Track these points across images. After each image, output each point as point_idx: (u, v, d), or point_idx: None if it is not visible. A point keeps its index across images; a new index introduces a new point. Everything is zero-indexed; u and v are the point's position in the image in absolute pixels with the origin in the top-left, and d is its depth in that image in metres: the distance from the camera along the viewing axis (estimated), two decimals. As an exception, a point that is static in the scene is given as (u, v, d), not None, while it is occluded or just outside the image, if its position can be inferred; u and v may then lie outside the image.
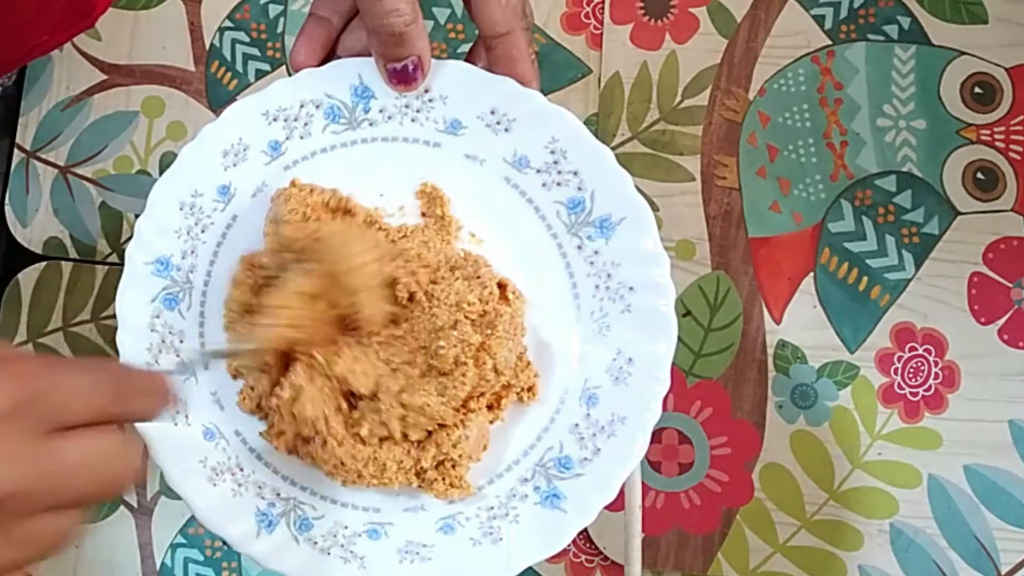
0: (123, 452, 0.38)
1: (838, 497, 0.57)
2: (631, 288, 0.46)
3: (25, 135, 0.65)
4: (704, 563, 0.57)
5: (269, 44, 0.65)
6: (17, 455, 0.35)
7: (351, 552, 0.47)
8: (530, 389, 0.47)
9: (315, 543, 0.47)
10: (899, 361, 0.58)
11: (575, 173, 0.47)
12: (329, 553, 0.47)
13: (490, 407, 0.47)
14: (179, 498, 0.48)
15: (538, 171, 0.48)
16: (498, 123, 0.48)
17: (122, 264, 0.64)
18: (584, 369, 0.47)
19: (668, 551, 0.58)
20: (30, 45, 0.62)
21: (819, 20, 0.62)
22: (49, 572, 0.61)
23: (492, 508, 0.47)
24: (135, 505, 0.61)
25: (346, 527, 0.47)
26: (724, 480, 0.58)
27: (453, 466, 0.46)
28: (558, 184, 0.48)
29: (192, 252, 0.49)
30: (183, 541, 0.61)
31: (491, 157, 0.48)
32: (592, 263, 0.47)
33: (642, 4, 0.64)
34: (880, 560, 0.57)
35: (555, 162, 0.47)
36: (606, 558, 0.58)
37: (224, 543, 0.47)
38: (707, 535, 0.58)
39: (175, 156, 0.64)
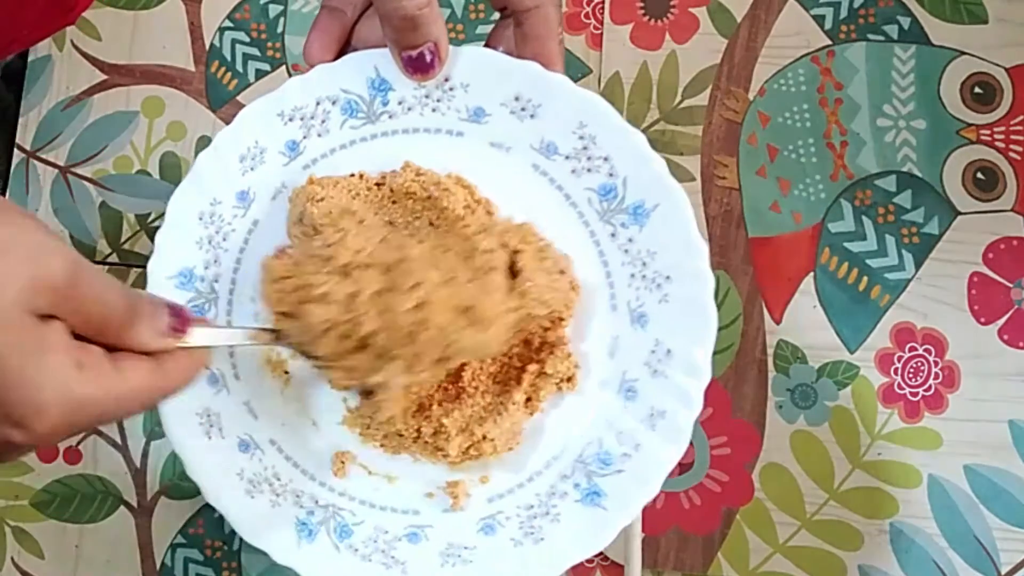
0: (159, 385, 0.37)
1: (838, 497, 0.57)
2: (668, 277, 0.45)
3: (25, 135, 0.65)
4: (704, 563, 0.58)
5: (269, 44, 0.65)
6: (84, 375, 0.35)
7: (392, 557, 0.46)
8: (569, 379, 0.46)
9: (356, 550, 0.46)
10: (899, 361, 0.58)
11: (606, 159, 0.46)
12: (371, 560, 0.46)
13: (528, 399, 0.46)
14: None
15: (567, 157, 0.46)
16: (523, 109, 0.46)
17: (122, 264, 0.64)
18: (621, 361, 0.46)
19: (668, 551, 0.58)
20: (8, 39, 0.61)
21: (819, 20, 0.62)
22: (49, 572, 0.61)
23: (532, 507, 0.46)
24: (135, 505, 0.61)
25: (386, 532, 0.47)
26: (724, 480, 0.58)
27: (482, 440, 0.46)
28: (588, 170, 0.46)
29: (215, 261, 0.48)
30: (183, 541, 0.61)
31: (517, 144, 0.47)
32: (627, 251, 0.46)
33: (642, 4, 0.64)
34: (880, 560, 0.57)
35: (584, 148, 0.46)
36: (606, 558, 0.58)
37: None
38: (707, 535, 0.58)
39: (175, 156, 0.64)
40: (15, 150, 0.65)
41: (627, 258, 0.46)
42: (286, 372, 0.48)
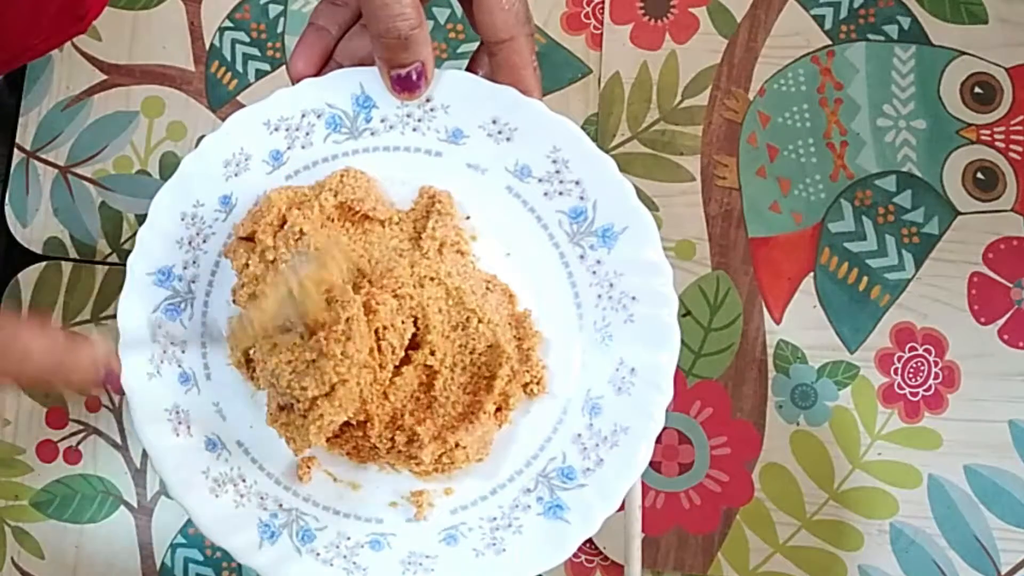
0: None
1: (838, 497, 0.57)
2: (633, 298, 0.46)
3: (25, 135, 0.65)
4: (704, 563, 0.58)
5: (269, 44, 0.65)
6: None
7: (354, 563, 0.47)
8: (539, 382, 0.47)
9: (317, 554, 0.47)
10: (899, 361, 0.58)
11: (577, 182, 0.47)
12: (332, 564, 0.47)
13: (498, 408, 0.47)
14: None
15: (540, 180, 0.48)
16: (500, 132, 0.48)
17: (122, 264, 0.64)
18: (586, 379, 0.47)
19: (668, 551, 0.58)
20: (21, 49, 0.62)
21: (819, 20, 0.62)
22: (49, 572, 0.61)
23: (495, 519, 0.47)
24: (135, 505, 0.61)
25: (348, 538, 0.47)
26: (724, 480, 0.58)
27: (455, 447, 0.47)
28: (560, 193, 0.47)
29: (194, 262, 0.49)
30: (183, 541, 0.61)
31: (493, 166, 0.48)
32: (594, 273, 0.47)
33: (642, 4, 0.64)
34: (880, 560, 0.57)
35: (557, 171, 0.47)
36: (606, 558, 0.58)
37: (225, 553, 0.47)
38: (707, 535, 0.58)
39: (175, 156, 0.64)
40: (15, 150, 0.65)
41: (595, 279, 0.47)
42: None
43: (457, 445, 0.46)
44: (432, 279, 0.46)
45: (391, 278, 0.46)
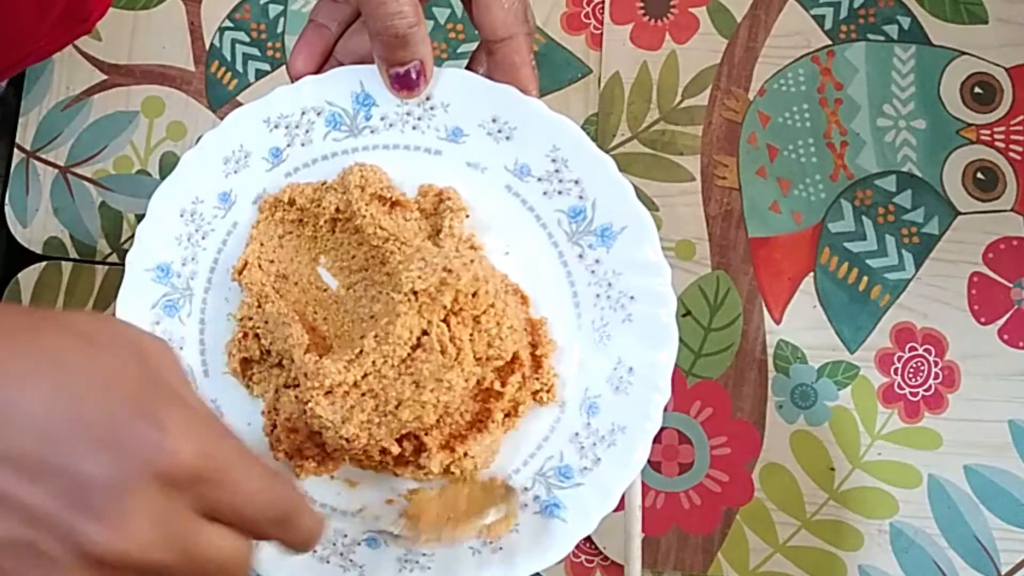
0: (248, 561, 0.36)
1: (838, 497, 0.57)
2: (632, 297, 0.46)
3: (25, 135, 0.65)
4: (704, 563, 0.58)
5: (269, 44, 0.65)
6: (175, 526, 0.33)
7: (350, 561, 0.47)
8: (549, 390, 0.47)
9: (314, 551, 0.47)
10: (899, 361, 0.58)
11: (576, 182, 0.47)
12: (328, 562, 0.47)
13: (507, 414, 0.47)
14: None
15: (539, 179, 0.48)
16: (499, 131, 0.48)
17: (122, 264, 0.64)
18: (584, 378, 0.47)
19: (668, 551, 0.58)
20: (26, 51, 0.62)
21: (819, 20, 0.62)
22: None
23: None
24: (135, 505, 0.61)
25: (345, 535, 0.47)
26: (724, 480, 0.58)
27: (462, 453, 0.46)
28: (559, 193, 0.47)
29: (193, 259, 0.49)
30: (183, 541, 0.61)
31: (492, 165, 0.48)
32: (593, 272, 0.47)
33: (642, 4, 0.64)
34: (880, 560, 0.57)
35: (556, 171, 0.47)
36: (606, 558, 0.58)
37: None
38: (707, 535, 0.58)
39: (175, 156, 0.64)
40: (15, 150, 0.65)
41: (593, 278, 0.47)
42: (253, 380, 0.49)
43: (466, 454, 0.46)
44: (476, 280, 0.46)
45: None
